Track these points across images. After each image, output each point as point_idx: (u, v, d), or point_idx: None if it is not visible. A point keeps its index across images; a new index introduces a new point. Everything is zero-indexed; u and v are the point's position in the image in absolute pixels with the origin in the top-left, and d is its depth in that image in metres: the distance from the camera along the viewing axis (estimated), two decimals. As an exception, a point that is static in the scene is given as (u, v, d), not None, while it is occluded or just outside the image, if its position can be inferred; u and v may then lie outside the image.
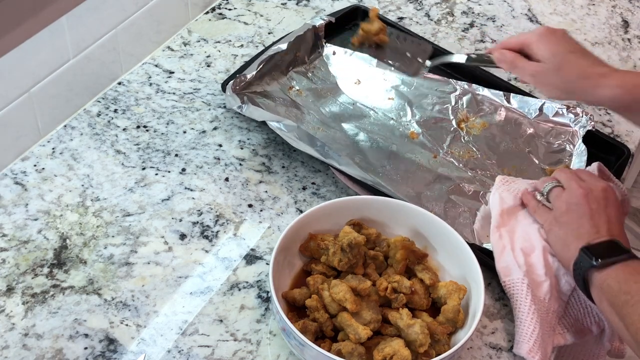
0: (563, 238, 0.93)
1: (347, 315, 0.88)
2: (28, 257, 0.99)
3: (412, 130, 1.18)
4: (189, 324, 0.94)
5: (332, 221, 0.97)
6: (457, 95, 1.23)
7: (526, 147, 1.17)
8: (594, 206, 0.93)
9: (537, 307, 0.93)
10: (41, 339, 0.91)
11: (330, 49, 1.28)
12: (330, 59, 1.27)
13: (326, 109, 1.20)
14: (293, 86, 1.22)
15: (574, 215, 0.93)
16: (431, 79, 1.25)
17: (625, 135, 1.23)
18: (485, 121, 1.20)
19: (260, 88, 1.19)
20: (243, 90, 1.16)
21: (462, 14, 1.44)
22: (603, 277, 0.86)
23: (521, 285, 0.94)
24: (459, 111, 1.21)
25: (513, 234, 0.99)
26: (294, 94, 1.21)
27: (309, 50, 1.26)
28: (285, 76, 1.23)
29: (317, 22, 1.27)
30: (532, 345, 0.90)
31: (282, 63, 1.22)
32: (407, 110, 1.21)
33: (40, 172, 1.09)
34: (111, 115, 1.17)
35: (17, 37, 0.99)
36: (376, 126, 1.18)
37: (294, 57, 1.24)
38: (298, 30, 1.25)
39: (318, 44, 1.28)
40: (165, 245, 1.02)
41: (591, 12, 1.47)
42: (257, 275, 1.00)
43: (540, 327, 0.92)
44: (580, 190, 0.94)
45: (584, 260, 0.88)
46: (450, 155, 1.15)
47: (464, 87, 1.24)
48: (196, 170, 1.11)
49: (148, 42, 1.26)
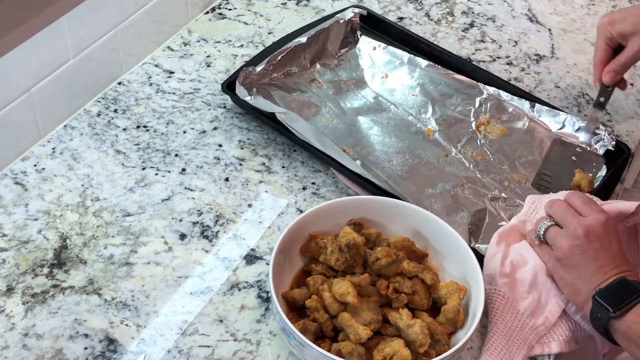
0: (571, 282, 0.90)
1: (347, 315, 0.88)
2: (28, 257, 0.99)
3: (429, 127, 1.18)
4: (189, 324, 0.94)
5: (332, 221, 0.97)
6: (483, 99, 1.23)
7: (541, 157, 1.16)
8: (597, 245, 0.89)
9: (510, 320, 0.92)
10: (41, 339, 0.91)
11: (367, 42, 1.30)
12: (361, 52, 1.29)
13: (346, 101, 1.21)
14: (315, 78, 1.23)
15: (577, 257, 0.90)
16: (460, 81, 1.25)
17: (625, 135, 1.23)
18: (505, 127, 1.20)
19: (277, 80, 1.21)
20: (254, 82, 1.18)
21: (462, 14, 1.44)
22: (627, 325, 0.84)
23: (495, 296, 0.94)
24: (481, 114, 1.21)
25: (510, 245, 0.98)
26: (315, 87, 1.22)
27: (340, 44, 1.28)
28: (310, 69, 1.25)
29: (348, 15, 1.29)
30: (494, 356, 0.90)
31: (306, 55, 1.24)
32: (429, 108, 1.21)
33: (40, 172, 1.09)
34: (111, 115, 1.17)
35: (17, 37, 0.99)
36: (393, 121, 1.19)
37: (321, 50, 1.26)
38: (324, 24, 1.27)
39: (350, 37, 1.29)
40: (165, 245, 1.02)
41: (591, 12, 1.47)
42: (257, 275, 1.00)
43: (508, 340, 0.91)
44: (580, 231, 0.90)
45: (601, 312, 0.86)
46: (462, 155, 1.15)
47: (490, 92, 1.23)
48: (196, 170, 1.11)
49: (148, 42, 1.26)
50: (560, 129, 1.19)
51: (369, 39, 1.31)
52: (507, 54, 1.36)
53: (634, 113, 1.27)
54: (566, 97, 1.29)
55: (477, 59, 1.34)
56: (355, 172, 1.07)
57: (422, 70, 1.27)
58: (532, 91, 1.28)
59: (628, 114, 1.27)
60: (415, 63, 1.28)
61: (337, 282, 0.90)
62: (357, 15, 1.30)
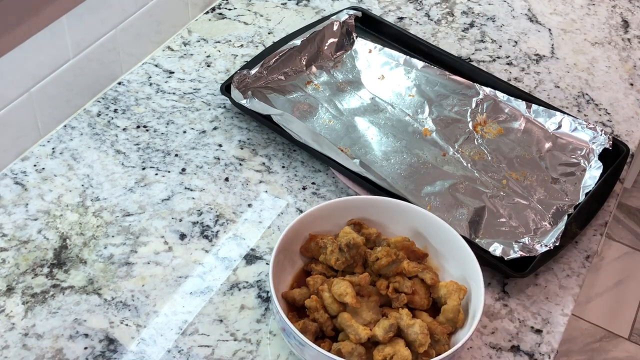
0: None
1: (347, 315, 0.88)
2: (28, 257, 0.99)
3: (426, 127, 1.19)
4: (189, 324, 0.94)
5: (332, 221, 0.97)
6: (479, 99, 1.23)
7: (538, 156, 1.16)
8: None
9: None
10: (41, 339, 0.91)
11: (363, 44, 1.30)
12: (358, 54, 1.29)
13: (342, 102, 1.21)
14: (311, 80, 1.23)
15: None
16: (456, 82, 1.25)
17: (625, 135, 1.23)
18: (502, 127, 1.20)
19: (273, 83, 1.21)
20: (249, 85, 1.18)
21: (462, 14, 1.44)
22: None
23: None
24: (478, 114, 1.21)
25: None
26: (311, 88, 1.22)
27: (336, 46, 1.28)
28: (306, 71, 1.25)
29: (343, 17, 1.29)
30: None
31: (302, 58, 1.24)
32: (426, 108, 1.21)
33: (40, 172, 1.09)
34: (111, 115, 1.17)
35: (17, 37, 0.99)
36: (390, 121, 1.19)
37: (317, 52, 1.26)
38: (319, 26, 1.27)
39: (346, 39, 1.30)
40: (165, 245, 1.02)
41: (591, 12, 1.47)
42: (257, 275, 1.00)
43: None
44: None
45: None
46: (460, 154, 1.15)
47: (487, 92, 1.23)
48: (196, 170, 1.11)
49: (148, 42, 1.26)
50: (557, 129, 1.19)
51: (365, 41, 1.31)
52: (507, 54, 1.36)
53: (634, 113, 1.27)
54: (566, 97, 1.29)
55: (477, 59, 1.34)
56: (354, 171, 1.07)
57: (419, 71, 1.27)
58: (532, 91, 1.28)
59: (628, 114, 1.27)
60: (412, 64, 1.28)
61: (336, 282, 0.90)
62: (352, 17, 1.30)
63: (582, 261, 1.06)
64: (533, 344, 0.96)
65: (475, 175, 1.12)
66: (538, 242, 1.02)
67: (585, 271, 1.05)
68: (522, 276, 0.99)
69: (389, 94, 1.24)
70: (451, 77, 1.26)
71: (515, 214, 1.07)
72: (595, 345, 2.14)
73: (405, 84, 1.26)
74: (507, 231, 1.05)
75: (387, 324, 0.86)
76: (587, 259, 1.06)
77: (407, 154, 1.15)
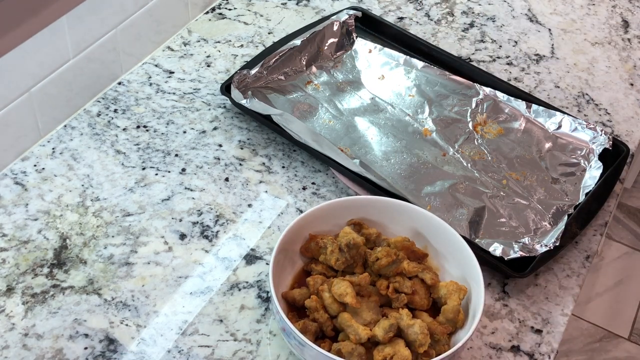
0: None
1: (347, 315, 0.88)
2: (28, 257, 0.99)
3: (426, 127, 1.19)
4: (189, 324, 0.94)
5: (332, 221, 0.97)
6: (479, 99, 1.23)
7: (538, 156, 1.16)
8: None
9: None
10: (41, 339, 0.91)
11: (363, 44, 1.30)
12: (358, 54, 1.29)
13: (343, 102, 1.21)
14: (311, 80, 1.23)
15: None
16: (456, 82, 1.25)
17: (625, 135, 1.23)
18: (502, 127, 1.20)
19: (273, 83, 1.21)
20: (249, 85, 1.18)
21: (462, 14, 1.44)
22: None
23: None
24: (478, 115, 1.21)
25: None
26: (311, 88, 1.22)
27: (336, 46, 1.28)
28: (306, 71, 1.25)
29: (343, 17, 1.29)
30: None
31: (302, 58, 1.24)
32: (425, 108, 1.21)
33: (40, 172, 1.09)
34: (111, 115, 1.17)
35: (17, 37, 0.99)
36: (390, 121, 1.19)
37: (317, 52, 1.26)
38: (319, 26, 1.27)
39: (345, 39, 1.30)
40: (165, 245, 1.02)
41: (591, 12, 1.47)
42: (257, 275, 1.00)
43: None
44: None
45: None
46: (460, 154, 1.15)
47: (487, 92, 1.23)
48: (196, 170, 1.11)
49: (148, 42, 1.26)
50: (557, 129, 1.19)
51: (365, 41, 1.31)
52: (507, 54, 1.36)
53: (634, 113, 1.27)
54: (566, 97, 1.29)
55: (477, 59, 1.34)
56: (354, 171, 1.07)
57: (419, 71, 1.27)
58: (532, 91, 1.28)
59: (628, 114, 1.27)
60: (412, 64, 1.28)
61: (336, 282, 0.90)
62: (352, 17, 1.30)
63: (582, 261, 1.06)
64: (533, 344, 0.96)
65: (475, 175, 1.12)
66: (538, 242, 1.02)
67: (585, 271, 1.05)
68: (522, 276, 0.99)
69: (389, 94, 1.24)
70: (451, 77, 1.26)
71: (515, 214, 1.07)
72: (595, 345, 2.14)
73: (405, 84, 1.26)
74: (507, 231, 1.05)
75: (387, 324, 0.86)
76: (587, 259, 1.06)
77: (407, 154, 1.15)
